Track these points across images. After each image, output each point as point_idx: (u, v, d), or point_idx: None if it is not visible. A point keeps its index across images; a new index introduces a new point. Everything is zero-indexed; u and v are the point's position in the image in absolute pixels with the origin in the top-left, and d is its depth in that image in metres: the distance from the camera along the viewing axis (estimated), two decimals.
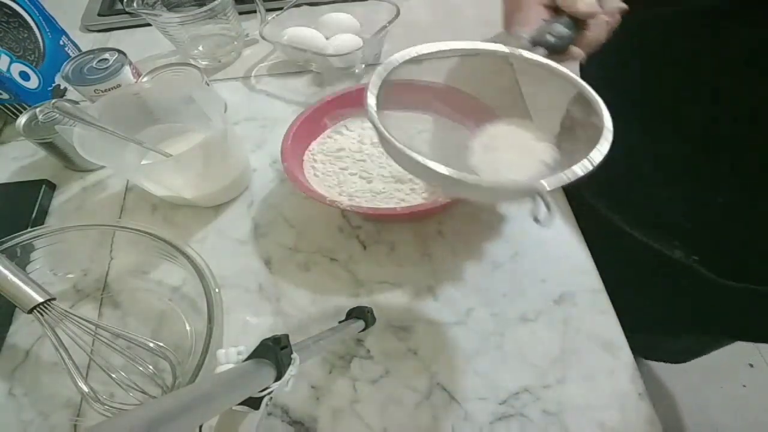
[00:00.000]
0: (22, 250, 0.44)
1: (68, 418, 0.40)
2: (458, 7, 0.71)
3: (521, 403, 0.38)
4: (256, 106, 0.62)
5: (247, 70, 0.67)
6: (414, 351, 0.42)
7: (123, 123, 0.48)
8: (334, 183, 0.48)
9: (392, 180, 0.47)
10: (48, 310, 0.37)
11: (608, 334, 0.41)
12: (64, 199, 0.55)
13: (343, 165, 0.49)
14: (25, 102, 0.59)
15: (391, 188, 0.46)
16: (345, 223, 0.50)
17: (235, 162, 0.52)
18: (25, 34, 0.59)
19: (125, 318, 0.46)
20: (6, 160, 0.59)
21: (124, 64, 0.56)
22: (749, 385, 1.10)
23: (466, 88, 0.51)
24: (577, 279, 0.44)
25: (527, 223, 0.48)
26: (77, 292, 0.47)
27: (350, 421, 0.39)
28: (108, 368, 0.36)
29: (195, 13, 0.59)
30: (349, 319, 0.39)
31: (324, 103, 0.52)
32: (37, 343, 0.44)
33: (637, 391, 0.38)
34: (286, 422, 0.39)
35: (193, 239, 0.50)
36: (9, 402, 0.41)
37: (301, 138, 0.51)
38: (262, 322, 0.44)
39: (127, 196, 0.55)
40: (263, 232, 0.50)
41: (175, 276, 0.47)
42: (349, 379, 0.41)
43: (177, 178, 0.48)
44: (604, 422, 0.37)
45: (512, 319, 0.43)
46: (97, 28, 0.75)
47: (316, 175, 0.49)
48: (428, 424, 0.38)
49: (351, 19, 0.65)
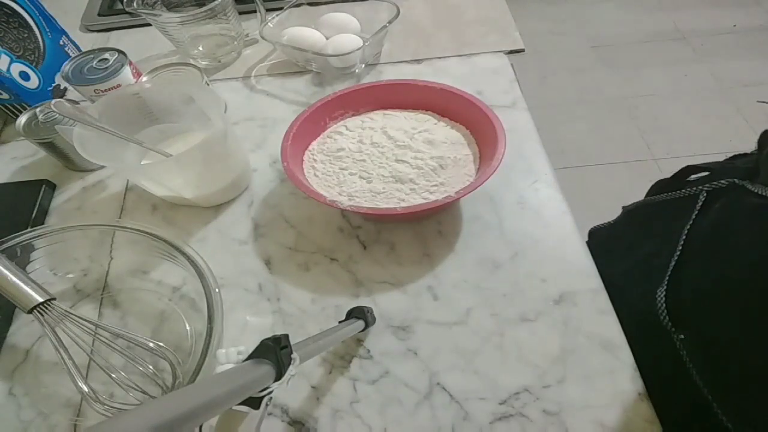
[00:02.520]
0: (22, 250, 0.44)
1: (68, 418, 0.40)
2: (458, 7, 0.71)
3: (521, 403, 0.38)
4: (256, 106, 0.62)
5: (247, 70, 0.67)
6: (414, 351, 0.42)
7: (123, 123, 0.48)
8: (334, 183, 0.48)
9: (392, 180, 0.47)
10: (48, 310, 0.37)
11: (608, 334, 0.41)
12: (64, 199, 0.55)
13: (343, 165, 0.49)
14: (25, 102, 0.59)
15: (391, 188, 0.46)
16: (345, 223, 0.50)
17: (235, 162, 0.52)
18: (25, 34, 0.59)
19: (125, 318, 0.46)
20: (6, 160, 0.59)
21: (124, 64, 0.56)
22: None
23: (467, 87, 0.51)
24: (577, 279, 0.44)
25: (527, 223, 0.48)
26: (77, 292, 0.47)
27: (350, 421, 0.39)
28: (108, 368, 0.36)
29: (195, 13, 0.59)
30: (349, 319, 0.39)
31: (324, 103, 0.52)
32: (37, 343, 0.44)
33: (637, 391, 0.38)
34: (286, 422, 0.39)
35: (193, 239, 0.50)
36: (9, 402, 0.41)
37: (301, 138, 0.51)
38: (262, 322, 0.44)
39: (127, 196, 0.55)
40: (263, 232, 0.50)
41: (175, 276, 0.47)
42: (349, 379, 0.41)
43: (177, 178, 0.48)
44: (604, 422, 0.37)
45: (512, 319, 0.43)
46: (97, 28, 0.75)
47: (316, 175, 0.49)
48: (428, 424, 0.38)
49: (351, 19, 0.65)
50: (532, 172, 0.52)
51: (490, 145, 0.46)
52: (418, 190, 0.46)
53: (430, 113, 0.53)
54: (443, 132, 0.51)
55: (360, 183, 0.47)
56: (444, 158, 0.47)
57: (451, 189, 0.45)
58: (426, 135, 0.50)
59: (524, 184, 0.51)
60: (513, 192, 0.51)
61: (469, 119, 0.51)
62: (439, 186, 0.46)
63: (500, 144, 0.45)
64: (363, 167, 0.48)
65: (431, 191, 0.46)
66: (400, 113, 0.53)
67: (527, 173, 0.52)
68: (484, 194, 0.50)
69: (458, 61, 0.64)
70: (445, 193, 0.45)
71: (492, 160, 0.44)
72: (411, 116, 0.53)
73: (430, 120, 0.52)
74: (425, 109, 0.53)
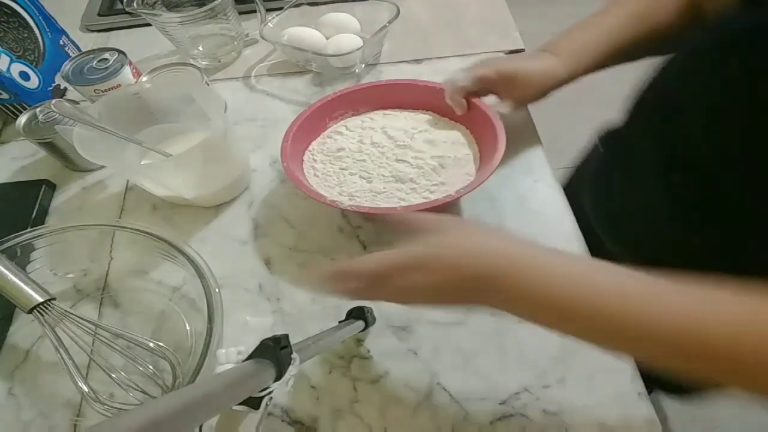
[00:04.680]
0: (22, 250, 0.44)
1: (68, 418, 0.40)
2: (458, 7, 0.71)
3: (521, 403, 0.38)
4: (256, 106, 0.62)
5: (247, 70, 0.67)
6: (414, 351, 0.42)
7: (123, 123, 0.48)
8: (335, 183, 0.48)
9: (392, 180, 0.47)
10: (48, 310, 0.37)
11: None
12: (64, 199, 0.55)
13: (343, 165, 0.49)
14: (25, 102, 0.59)
15: (391, 188, 0.46)
16: (345, 223, 0.50)
17: (235, 162, 0.52)
18: (25, 34, 0.59)
19: (125, 318, 0.46)
20: (6, 160, 0.59)
21: (124, 64, 0.56)
22: None
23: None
24: None
25: (527, 222, 0.48)
26: (77, 292, 0.47)
27: (350, 421, 0.39)
28: (108, 368, 0.36)
29: (195, 13, 0.59)
30: (349, 319, 0.39)
31: (324, 103, 0.52)
32: (37, 343, 0.44)
33: (637, 391, 0.38)
34: (286, 422, 0.39)
35: (193, 239, 0.50)
36: (9, 402, 0.41)
37: (301, 138, 0.51)
38: (262, 322, 0.44)
39: (127, 196, 0.55)
40: (263, 232, 0.50)
41: (175, 276, 0.47)
42: (349, 379, 0.41)
43: (177, 178, 0.48)
44: (604, 422, 0.37)
45: (512, 319, 0.42)
46: (97, 28, 0.75)
47: (316, 175, 0.49)
48: (428, 424, 0.38)
49: (351, 19, 0.65)
50: (532, 171, 0.52)
51: (490, 145, 0.46)
52: (419, 189, 0.46)
53: (430, 113, 0.53)
54: (443, 132, 0.51)
55: (360, 183, 0.47)
56: (444, 158, 0.47)
57: (451, 188, 0.45)
58: (426, 135, 0.50)
59: (524, 184, 0.51)
60: (513, 192, 0.50)
61: (469, 119, 0.51)
62: (440, 185, 0.46)
63: (500, 143, 0.45)
64: (363, 167, 0.48)
65: (432, 191, 0.46)
66: (400, 113, 0.53)
67: (527, 173, 0.52)
68: (485, 194, 0.50)
69: (458, 61, 0.64)
70: (445, 193, 0.45)
71: (492, 159, 0.44)
72: (411, 116, 0.53)
73: (430, 120, 0.52)
74: (425, 109, 0.53)
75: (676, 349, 0.26)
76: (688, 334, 0.25)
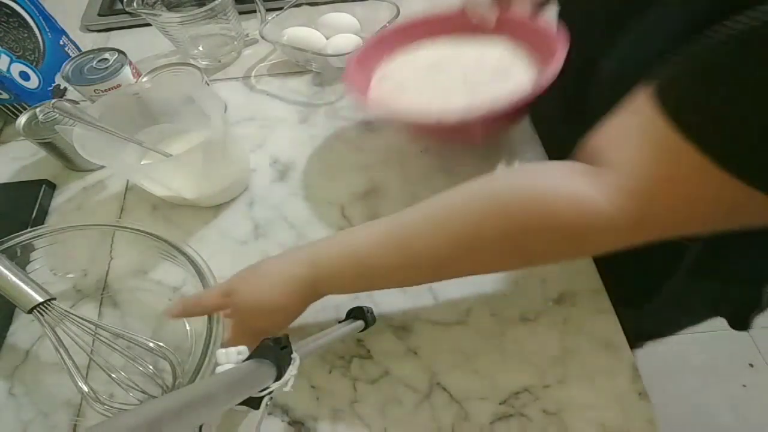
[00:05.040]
0: (22, 250, 0.44)
1: (68, 418, 0.40)
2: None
3: (521, 403, 0.38)
4: (256, 106, 0.62)
5: (247, 70, 0.67)
6: (414, 351, 0.42)
7: (123, 123, 0.48)
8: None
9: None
10: (48, 310, 0.37)
11: (608, 334, 0.41)
12: (64, 199, 0.55)
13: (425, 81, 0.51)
14: (25, 102, 0.59)
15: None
16: (345, 223, 0.50)
17: (235, 162, 0.52)
18: (25, 34, 0.59)
19: (125, 318, 0.46)
20: (6, 160, 0.59)
21: (124, 64, 0.56)
22: (749, 385, 1.10)
23: None
24: (577, 279, 0.44)
25: None
26: (77, 292, 0.47)
27: (350, 421, 0.39)
28: (108, 368, 0.36)
29: (195, 13, 0.59)
30: (349, 319, 0.39)
31: (391, 31, 0.55)
32: (37, 343, 0.44)
33: (637, 391, 0.38)
34: (286, 422, 0.39)
35: (193, 239, 0.50)
36: (9, 402, 0.41)
37: (369, 62, 0.53)
38: None
39: (127, 196, 0.55)
40: (263, 232, 0.50)
41: (175, 276, 0.47)
42: (349, 379, 0.41)
43: (177, 178, 0.48)
44: (604, 422, 0.37)
45: (512, 319, 0.43)
46: (97, 28, 0.75)
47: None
48: (428, 424, 0.38)
49: (351, 19, 0.65)
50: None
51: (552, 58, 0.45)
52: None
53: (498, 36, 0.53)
54: (510, 55, 0.51)
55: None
56: (511, 73, 0.49)
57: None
58: (496, 62, 0.51)
59: None
60: None
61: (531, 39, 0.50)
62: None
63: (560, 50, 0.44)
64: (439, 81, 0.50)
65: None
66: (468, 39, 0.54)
67: None
68: None
69: None
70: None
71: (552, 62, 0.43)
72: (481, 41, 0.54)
73: (500, 45, 0.53)
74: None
75: (434, 256, 0.32)
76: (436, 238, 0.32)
